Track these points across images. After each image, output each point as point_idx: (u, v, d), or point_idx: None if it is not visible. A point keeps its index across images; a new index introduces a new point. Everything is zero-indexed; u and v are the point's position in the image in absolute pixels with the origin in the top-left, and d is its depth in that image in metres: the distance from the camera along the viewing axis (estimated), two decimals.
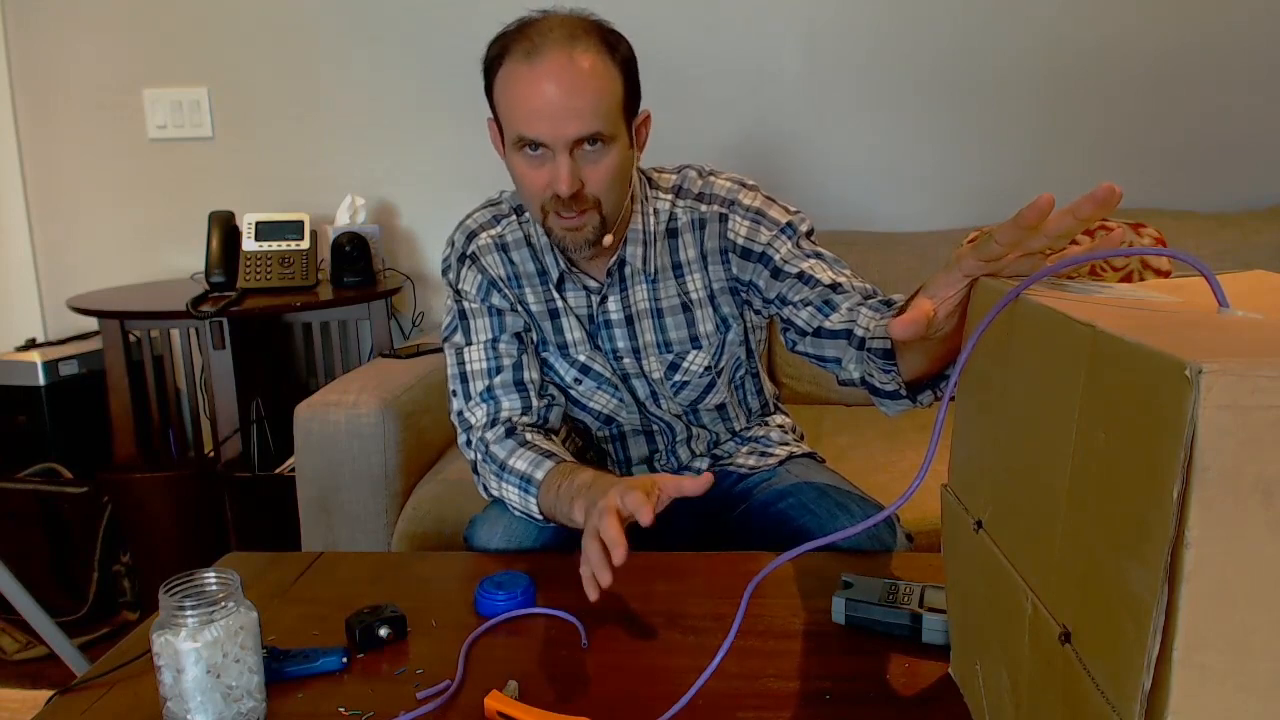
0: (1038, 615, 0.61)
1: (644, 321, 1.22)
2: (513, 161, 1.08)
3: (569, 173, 1.03)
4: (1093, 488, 0.54)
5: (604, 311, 1.22)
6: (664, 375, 1.24)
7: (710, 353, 1.23)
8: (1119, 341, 0.51)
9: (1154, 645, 0.47)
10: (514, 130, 1.05)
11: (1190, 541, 0.45)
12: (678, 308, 1.21)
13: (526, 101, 1.02)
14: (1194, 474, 0.45)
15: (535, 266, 1.22)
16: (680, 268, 1.20)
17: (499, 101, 1.07)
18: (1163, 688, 0.47)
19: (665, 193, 1.21)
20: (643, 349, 1.23)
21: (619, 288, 1.21)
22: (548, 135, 1.02)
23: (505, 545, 1.18)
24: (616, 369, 1.25)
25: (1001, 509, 0.70)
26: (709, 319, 1.22)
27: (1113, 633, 0.51)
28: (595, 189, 1.06)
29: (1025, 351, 0.65)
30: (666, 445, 1.32)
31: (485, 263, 1.23)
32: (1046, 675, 0.60)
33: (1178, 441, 0.45)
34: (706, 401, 1.28)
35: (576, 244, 1.10)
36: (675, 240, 1.20)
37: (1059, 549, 0.58)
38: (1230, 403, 0.44)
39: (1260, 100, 2.18)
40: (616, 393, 1.26)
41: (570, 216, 1.07)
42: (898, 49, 2.24)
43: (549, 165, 1.05)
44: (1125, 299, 0.64)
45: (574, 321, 1.23)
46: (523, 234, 1.23)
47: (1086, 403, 0.55)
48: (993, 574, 0.70)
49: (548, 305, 1.23)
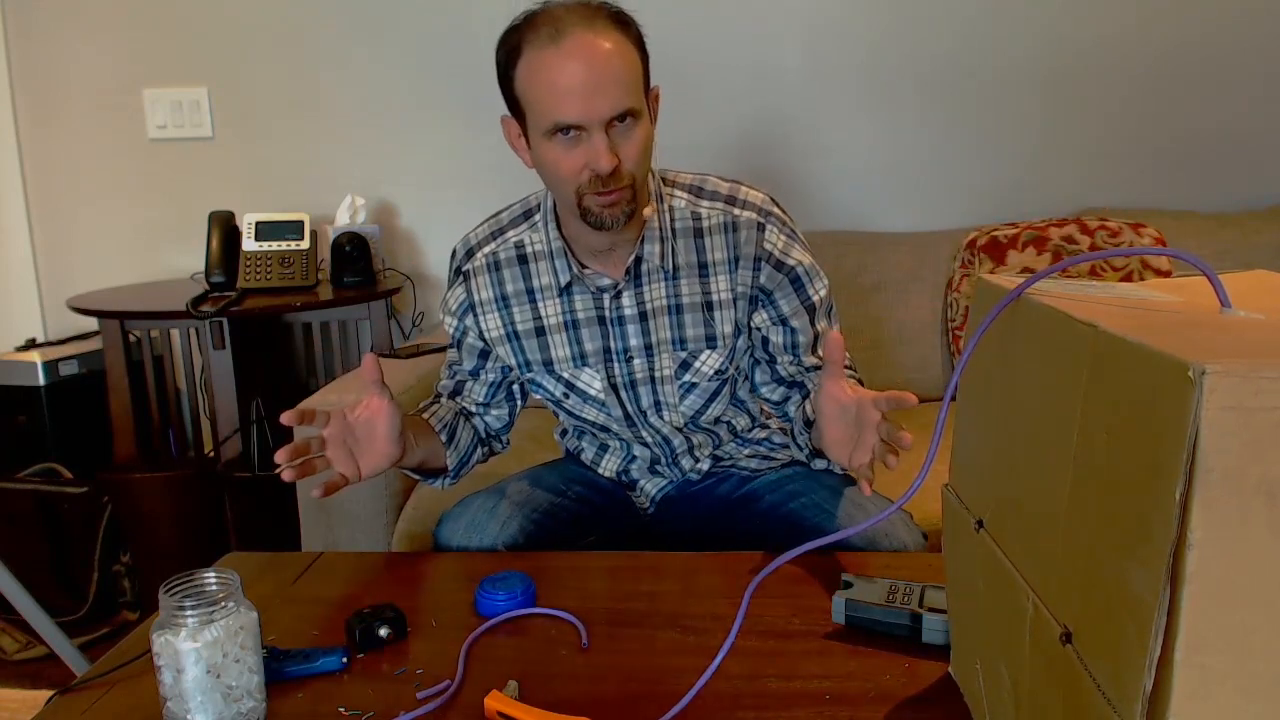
0: (1039, 615, 0.61)
1: (660, 318, 1.21)
2: (544, 151, 1.08)
3: (608, 149, 1.04)
4: (1094, 488, 0.54)
5: (618, 307, 1.21)
6: (674, 373, 1.24)
7: (724, 355, 1.23)
8: (1121, 342, 0.51)
9: (1155, 646, 0.47)
10: (547, 118, 1.05)
11: (1192, 542, 0.45)
12: (699, 306, 1.21)
13: (558, 84, 1.03)
14: (1197, 475, 0.45)
15: (526, 285, 1.23)
16: (707, 268, 1.20)
17: (525, 91, 1.07)
18: (1164, 689, 0.47)
19: (682, 190, 1.22)
20: (655, 345, 1.22)
21: (635, 283, 1.20)
22: (583, 115, 1.03)
23: (466, 541, 1.20)
24: (625, 374, 1.24)
25: (1003, 509, 0.70)
26: (729, 321, 1.22)
27: (1114, 633, 0.51)
28: (630, 164, 1.08)
29: (1027, 351, 0.65)
30: (666, 458, 1.32)
31: (474, 284, 1.25)
32: (1047, 675, 0.60)
33: (1181, 442, 0.45)
34: (708, 414, 1.27)
35: (615, 219, 1.10)
36: (701, 240, 1.20)
37: (1060, 549, 0.58)
38: (1234, 404, 0.44)
39: (1260, 100, 2.18)
40: (603, 408, 1.27)
41: (608, 193, 1.07)
42: (898, 48, 2.24)
43: (583, 146, 1.05)
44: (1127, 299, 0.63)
45: (561, 338, 1.24)
46: (516, 252, 1.23)
47: (1088, 403, 0.55)
48: (993, 574, 0.69)
49: (535, 323, 1.24)
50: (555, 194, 1.16)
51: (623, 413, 1.27)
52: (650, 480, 1.35)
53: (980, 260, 2.02)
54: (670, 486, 1.35)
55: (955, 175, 2.27)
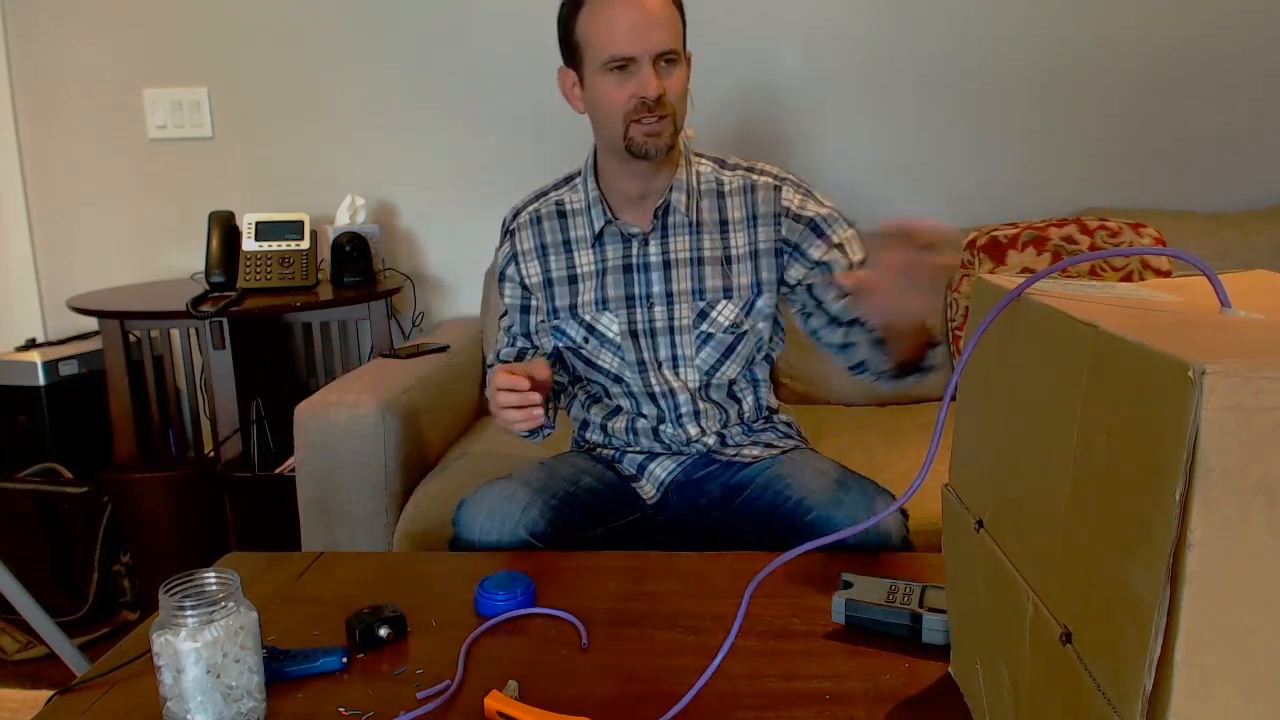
0: (1039, 615, 0.61)
1: (682, 269, 1.34)
2: (598, 85, 1.24)
3: (655, 78, 1.22)
4: (1094, 488, 0.54)
5: (644, 254, 1.34)
6: (692, 323, 1.34)
7: (739, 306, 1.34)
8: (1121, 342, 0.51)
9: (1155, 646, 0.47)
10: (604, 52, 1.22)
11: (1193, 543, 0.45)
12: (719, 260, 1.34)
13: (617, 23, 1.21)
14: (1197, 475, 0.45)
15: (564, 236, 1.38)
16: (727, 225, 1.34)
17: (585, 33, 1.23)
18: (1164, 689, 0.47)
19: (707, 160, 1.38)
20: (676, 295, 1.34)
21: (661, 233, 1.34)
22: (637, 48, 1.20)
23: (487, 529, 1.22)
24: (646, 320, 1.35)
25: (1003, 508, 0.70)
26: (745, 273, 1.34)
27: (1114, 633, 0.51)
28: (672, 96, 1.24)
29: (1027, 351, 0.65)
30: (671, 413, 1.38)
31: (519, 237, 1.40)
32: (1047, 675, 0.60)
33: (1181, 442, 0.45)
34: (722, 371, 1.36)
35: (657, 148, 1.25)
36: (723, 200, 1.35)
37: (1060, 549, 0.58)
38: (1234, 404, 0.44)
39: (1260, 100, 2.18)
40: (619, 351, 1.37)
41: (652, 121, 1.23)
42: (897, 49, 2.24)
43: (634, 79, 1.22)
44: (1127, 299, 0.63)
45: (590, 284, 1.36)
46: (556, 208, 1.39)
47: (1088, 403, 0.55)
48: (993, 573, 0.69)
49: (569, 271, 1.38)
50: (603, 130, 1.28)
51: (637, 358, 1.36)
52: (657, 462, 1.40)
53: (980, 260, 2.02)
54: (677, 469, 1.39)
55: (955, 175, 2.27)
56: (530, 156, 2.32)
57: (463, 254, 2.40)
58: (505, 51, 2.30)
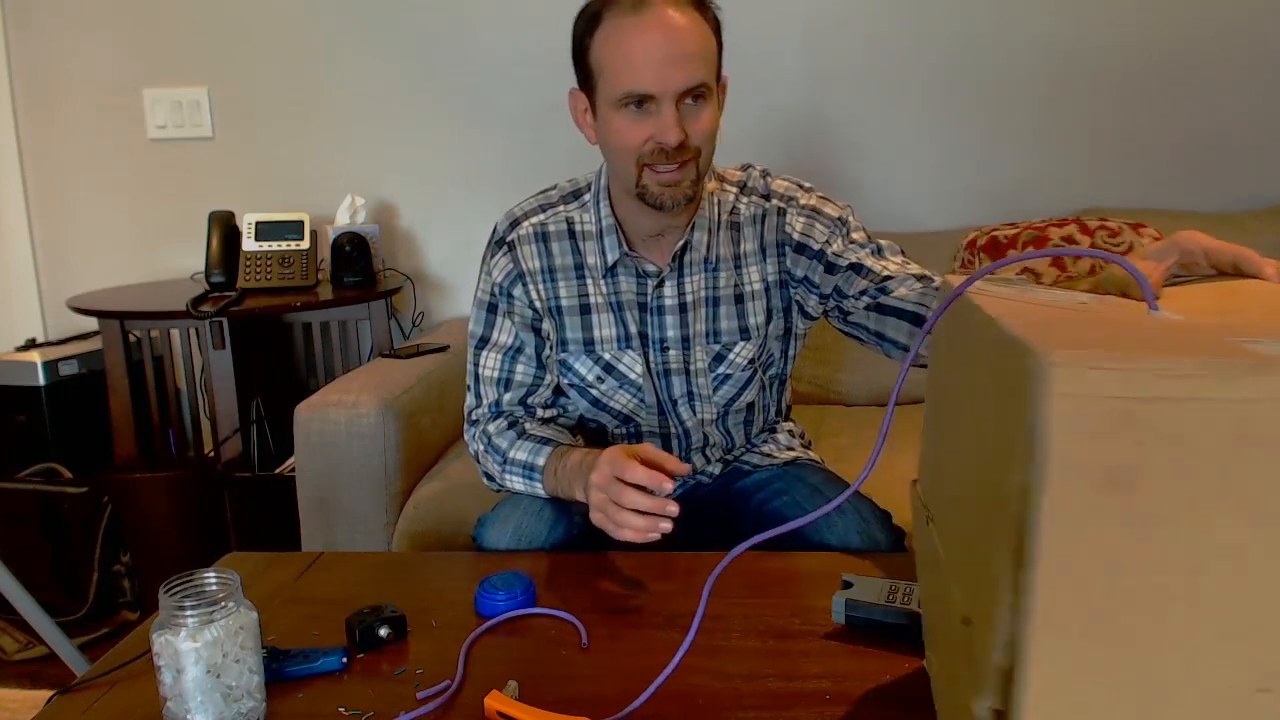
0: (953, 604, 0.62)
1: (698, 310, 1.22)
2: (611, 120, 1.08)
3: (676, 122, 1.05)
4: (987, 477, 0.56)
5: (659, 296, 1.22)
6: (709, 366, 1.24)
7: (756, 345, 1.24)
8: (1003, 334, 0.53)
9: (1013, 627, 0.48)
10: (620, 86, 1.05)
11: (1039, 528, 0.46)
12: (732, 298, 1.23)
13: (635, 54, 1.04)
14: (1041, 461, 0.46)
15: (575, 260, 1.22)
16: (740, 259, 1.22)
17: (600, 59, 1.07)
18: (1021, 669, 0.48)
19: (731, 186, 1.23)
20: (692, 338, 1.23)
21: (677, 274, 1.21)
22: (656, 85, 1.04)
23: (515, 544, 1.18)
24: (659, 363, 1.24)
25: (943, 503, 0.71)
26: (760, 311, 1.23)
27: (988, 616, 0.52)
28: (698, 140, 1.08)
29: (963, 349, 0.66)
30: (681, 451, 1.32)
31: (521, 253, 1.23)
32: (962, 660, 0.61)
33: (1030, 430, 0.46)
34: (740, 400, 1.27)
35: (675, 199, 1.10)
36: (737, 233, 1.22)
37: (968, 538, 0.60)
38: (1074, 392, 0.45)
39: (1260, 100, 2.18)
40: (638, 394, 1.25)
41: (670, 170, 1.08)
42: (898, 49, 2.24)
43: (652, 119, 1.06)
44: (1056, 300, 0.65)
45: (607, 318, 1.23)
46: (566, 226, 1.23)
47: (993, 396, 0.56)
48: (934, 566, 0.71)
49: (580, 300, 1.23)
50: (615, 169, 1.15)
51: (655, 399, 1.26)
52: None
53: (980, 260, 2.02)
54: (682, 489, 1.34)
55: (955, 175, 2.27)
56: (530, 156, 2.32)
57: (463, 254, 2.40)
58: (505, 51, 2.30)
